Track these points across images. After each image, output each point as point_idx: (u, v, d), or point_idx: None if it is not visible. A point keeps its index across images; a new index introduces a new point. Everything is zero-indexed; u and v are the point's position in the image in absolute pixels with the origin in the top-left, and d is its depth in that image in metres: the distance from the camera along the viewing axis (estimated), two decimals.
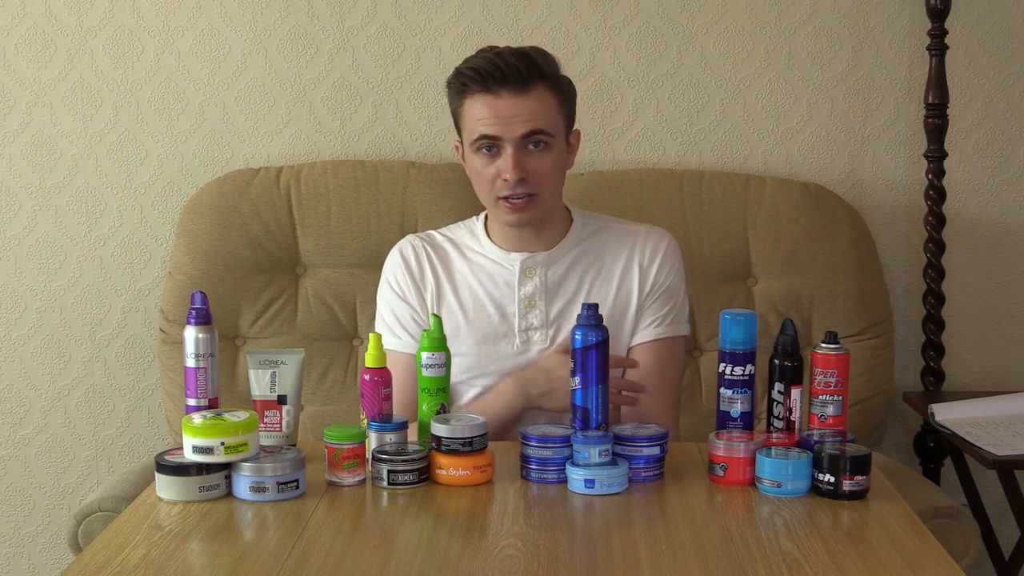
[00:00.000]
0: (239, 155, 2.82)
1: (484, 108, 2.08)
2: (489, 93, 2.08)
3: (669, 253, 2.22)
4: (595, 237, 2.23)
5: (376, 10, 2.79)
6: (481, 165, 2.12)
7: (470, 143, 2.12)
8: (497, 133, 2.08)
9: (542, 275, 2.19)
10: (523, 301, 2.18)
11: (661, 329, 2.20)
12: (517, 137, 2.08)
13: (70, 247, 2.84)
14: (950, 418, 2.52)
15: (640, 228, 2.25)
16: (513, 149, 2.08)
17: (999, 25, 2.80)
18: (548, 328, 2.18)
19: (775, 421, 1.88)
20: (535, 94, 2.08)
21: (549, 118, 2.10)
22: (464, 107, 2.12)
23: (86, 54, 2.79)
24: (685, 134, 2.83)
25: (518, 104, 2.07)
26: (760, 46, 2.81)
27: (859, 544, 1.62)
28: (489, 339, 2.18)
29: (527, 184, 2.09)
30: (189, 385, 1.88)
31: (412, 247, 2.26)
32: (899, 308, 2.83)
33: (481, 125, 2.08)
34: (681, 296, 2.24)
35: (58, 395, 2.89)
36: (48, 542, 2.94)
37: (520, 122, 2.07)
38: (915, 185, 2.83)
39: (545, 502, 1.77)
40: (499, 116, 2.07)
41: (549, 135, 2.10)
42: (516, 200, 2.10)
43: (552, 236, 2.20)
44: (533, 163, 2.09)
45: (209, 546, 1.63)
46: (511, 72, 2.06)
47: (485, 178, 2.12)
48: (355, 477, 1.82)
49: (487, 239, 2.22)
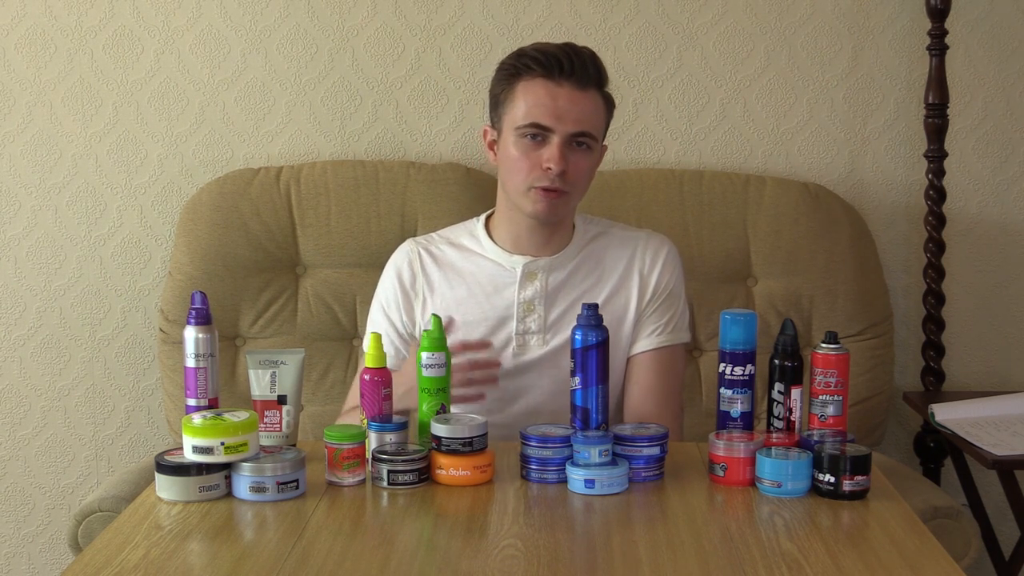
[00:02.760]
0: (239, 155, 2.82)
1: (544, 95, 2.05)
2: (551, 80, 2.05)
3: (669, 260, 2.22)
4: (596, 243, 2.22)
5: (376, 10, 2.79)
6: (521, 151, 2.08)
7: (516, 127, 2.07)
8: (550, 124, 2.05)
9: (543, 280, 2.18)
10: (522, 305, 2.17)
11: (663, 337, 2.19)
12: (568, 133, 2.06)
13: (70, 247, 2.84)
14: (950, 418, 2.52)
15: (640, 234, 2.24)
16: (560, 142, 2.05)
17: (999, 25, 2.80)
18: (545, 333, 2.17)
19: (775, 421, 1.88)
20: (592, 96, 2.07)
21: (597, 122, 2.10)
22: (518, 89, 2.07)
23: (86, 54, 2.79)
24: (685, 134, 2.83)
25: (577, 99, 2.05)
26: (760, 46, 2.81)
27: (859, 544, 1.62)
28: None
29: (565, 180, 2.07)
30: (189, 385, 1.88)
31: (407, 257, 2.24)
32: (899, 308, 2.83)
33: (537, 112, 2.05)
34: (682, 303, 2.24)
35: (58, 395, 2.89)
36: (48, 542, 2.94)
37: (574, 119, 2.05)
38: (915, 185, 2.83)
39: (545, 502, 1.77)
40: (556, 107, 2.04)
41: (594, 139, 2.09)
42: (551, 192, 2.08)
43: (558, 241, 2.19)
44: (574, 161, 2.08)
45: (209, 546, 1.63)
46: (580, 66, 2.05)
47: (523, 165, 2.08)
48: (355, 477, 1.82)
49: (489, 240, 2.21)
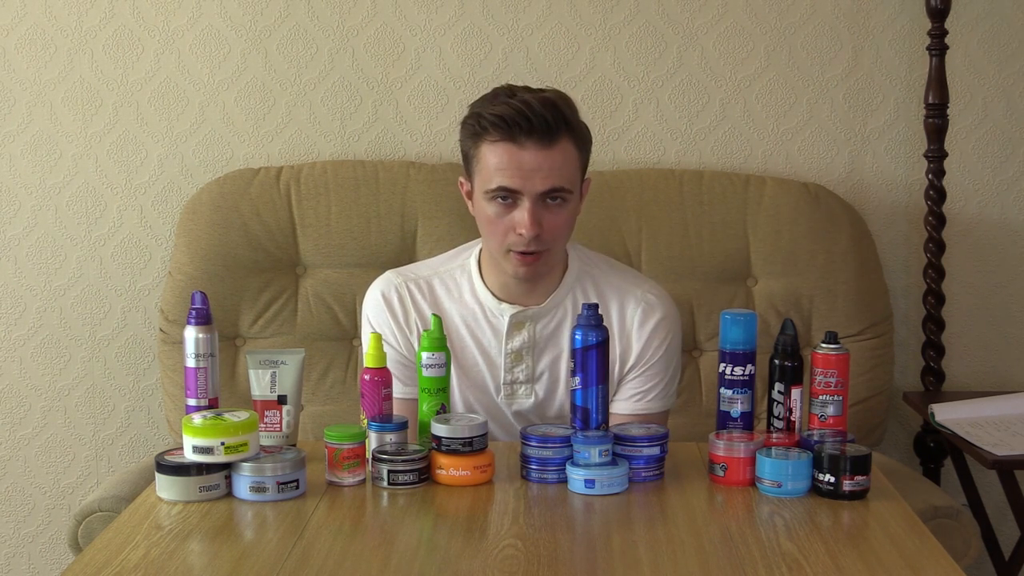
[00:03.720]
0: (239, 155, 2.82)
1: (506, 158, 1.97)
2: (513, 143, 1.96)
3: (661, 327, 2.12)
4: (589, 289, 2.13)
5: (376, 10, 2.79)
6: (494, 214, 2.01)
7: (485, 191, 2.01)
8: (517, 187, 1.97)
9: (531, 330, 2.11)
10: (510, 355, 2.11)
11: (640, 404, 2.13)
12: (537, 193, 1.98)
13: (70, 247, 2.84)
14: (950, 418, 2.52)
15: (636, 292, 2.14)
16: (531, 204, 1.98)
17: (999, 25, 2.80)
18: (534, 383, 2.13)
19: (775, 421, 1.88)
20: (560, 147, 1.98)
21: (569, 173, 2.00)
22: (481, 151, 2.00)
23: (86, 54, 2.79)
24: (685, 134, 2.83)
25: (542, 158, 1.96)
26: (760, 46, 2.81)
27: (859, 544, 1.62)
28: (476, 385, 2.13)
29: (540, 241, 2.00)
30: (189, 385, 1.88)
31: (396, 291, 2.14)
32: (899, 308, 2.83)
33: (501, 176, 1.97)
34: (670, 372, 2.15)
35: (58, 395, 2.89)
36: (48, 542, 2.94)
37: (542, 178, 1.97)
38: (915, 185, 2.83)
39: (545, 502, 1.77)
40: (521, 169, 1.96)
41: (568, 191, 2.00)
42: (528, 255, 2.02)
43: (547, 287, 2.11)
44: (549, 219, 2.00)
45: (209, 546, 1.63)
46: (539, 123, 1.95)
47: (497, 228, 2.01)
48: (355, 477, 1.82)
49: (480, 282, 2.13)
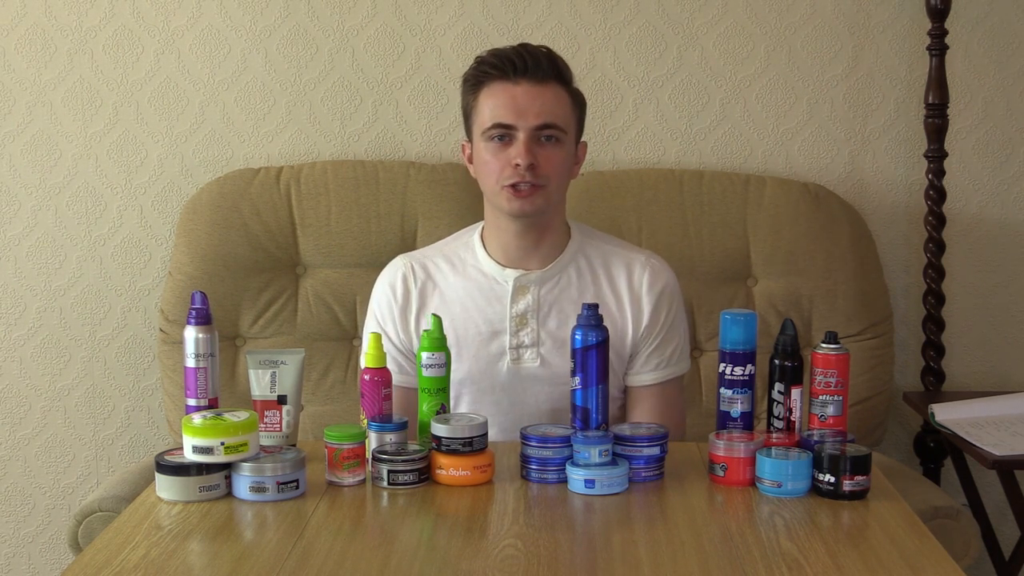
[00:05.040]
0: (239, 155, 2.82)
1: (503, 95, 2.07)
2: (508, 81, 2.08)
3: (667, 292, 2.18)
4: (593, 257, 2.19)
5: (376, 10, 2.79)
6: (491, 155, 2.09)
7: (483, 131, 2.09)
8: (512, 122, 2.06)
9: (535, 293, 2.15)
10: (515, 319, 2.15)
11: (667, 371, 2.19)
12: (531, 127, 2.06)
13: (70, 247, 2.84)
14: (950, 418, 2.52)
15: (639, 257, 2.20)
16: (526, 138, 2.06)
17: (999, 25, 2.80)
18: (539, 347, 2.14)
19: (775, 421, 1.88)
20: (552, 89, 2.09)
21: (563, 114, 2.10)
22: (480, 98, 2.10)
23: (86, 54, 2.79)
24: (685, 134, 2.83)
25: (535, 94, 2.07)
26: (760, 46, 2.81)
27: (859, 544, 1.62)
28: (480, 356, 2.15)
29: (536, 173, 2.07)
30: (189, 385, 1.88)
31: (401, 273, 2.20)
32: (899, 308, 2.83)
33: (498, 112, 2.07)
34: (682, 333, 2.22)
35: (58, 395, 2.89)
36: (48, 542, 2.94)
37: (535, 113, 2.07)
38: (915, 185, 2.83)
39: (545, 502, 1.77)
40: (516, 104, 2.06)
41: (562, 130, 2.09)
42: (523, 187, 2.08)
43: (549, 252, 2.17)
44: (544, 154, 2.08)
45: (209, 546, 1.63)
46: (533, 62, 2.07)
47: (493, 167, 2.09)
48: (355, 477, 1.82)
49: (483, 252, 2.19)
